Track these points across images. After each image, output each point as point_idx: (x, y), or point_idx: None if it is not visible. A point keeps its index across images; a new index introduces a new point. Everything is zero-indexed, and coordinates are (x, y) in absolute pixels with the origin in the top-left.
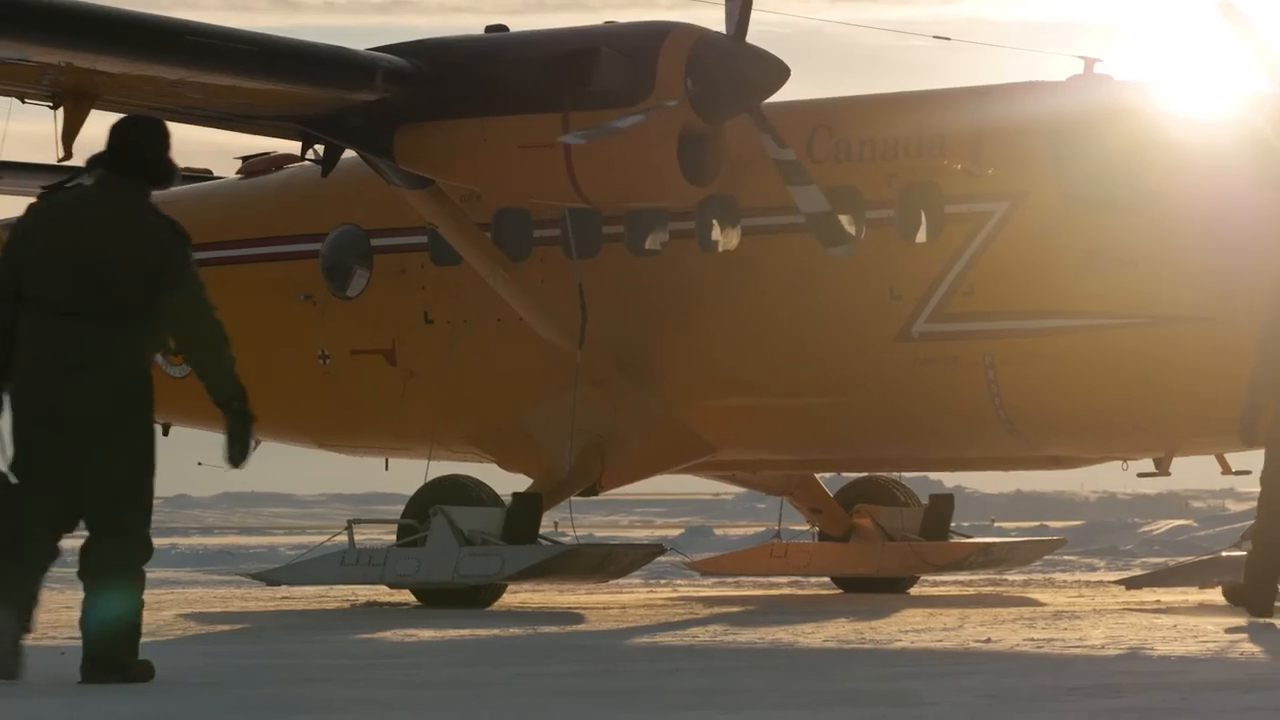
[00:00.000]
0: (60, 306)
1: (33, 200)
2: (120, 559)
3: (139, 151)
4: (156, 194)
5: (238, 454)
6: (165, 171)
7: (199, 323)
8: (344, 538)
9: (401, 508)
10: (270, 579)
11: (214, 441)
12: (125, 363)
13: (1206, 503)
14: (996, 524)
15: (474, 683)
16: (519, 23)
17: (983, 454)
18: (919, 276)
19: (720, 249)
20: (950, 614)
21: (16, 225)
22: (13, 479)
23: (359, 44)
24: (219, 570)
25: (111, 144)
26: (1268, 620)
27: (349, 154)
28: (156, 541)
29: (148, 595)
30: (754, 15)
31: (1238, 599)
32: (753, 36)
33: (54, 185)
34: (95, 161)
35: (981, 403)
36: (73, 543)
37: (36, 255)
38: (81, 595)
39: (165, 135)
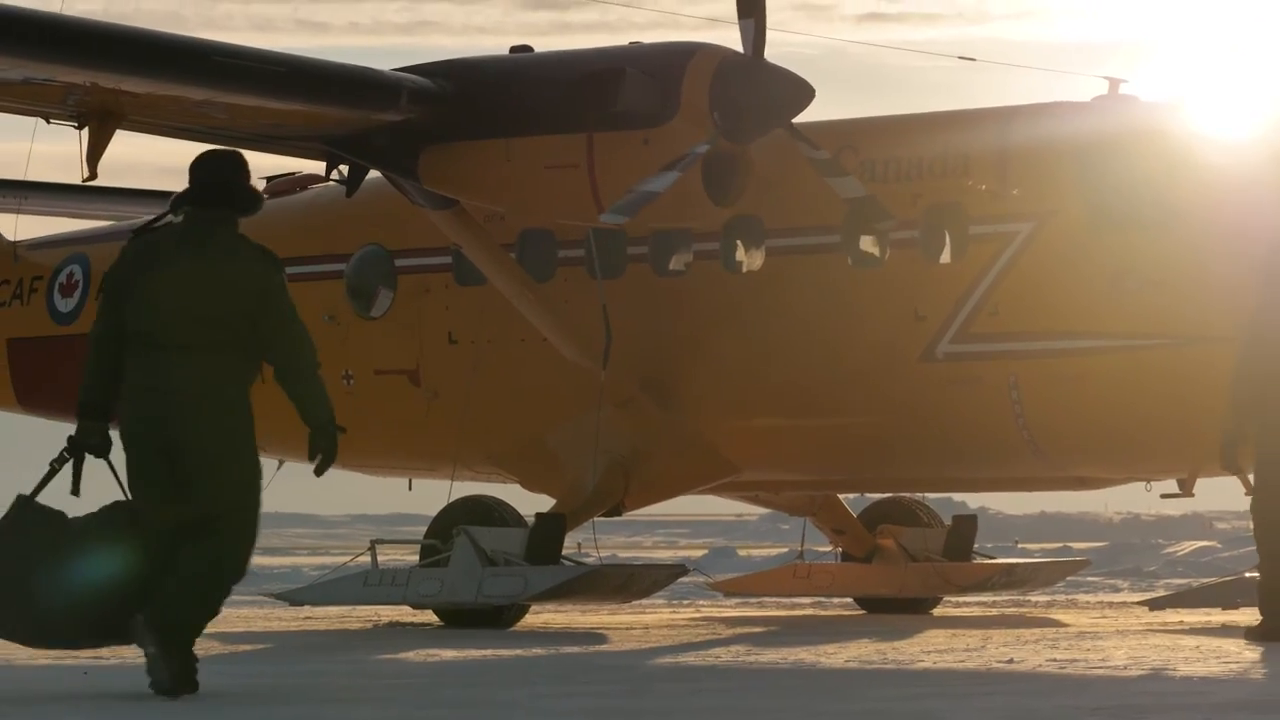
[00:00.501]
0: (167, 341)
1: (125, 242)
2: (216, 570)
3: (221, 184)
4: None
5: (322, 468)
6: (248, 200)
7: (292, 346)
8: (367, 558)
9: (424, 528)
10: (293, 599)
11: None
12: (231, 392)
13: (1230, 524)
14: (1020, 545)
15: (496, 703)
16: (544, 44)
17: (1006, 474)
18: (943, 297)
19: (745, 269)
20: (973, 635)
21: (114, 267)
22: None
23: (383, 64)
24: (242, 590)
25: (193, 180)
26: None
27: (374, 174)
28: None
29: None
30: (779, 37)
31: (1264, 636)
32: (777, 57)
33: (144, 225)
34: (180, 199)
35: (1005, 423)
36: None
37: (138, 294)
38: None
39: (243, 165)
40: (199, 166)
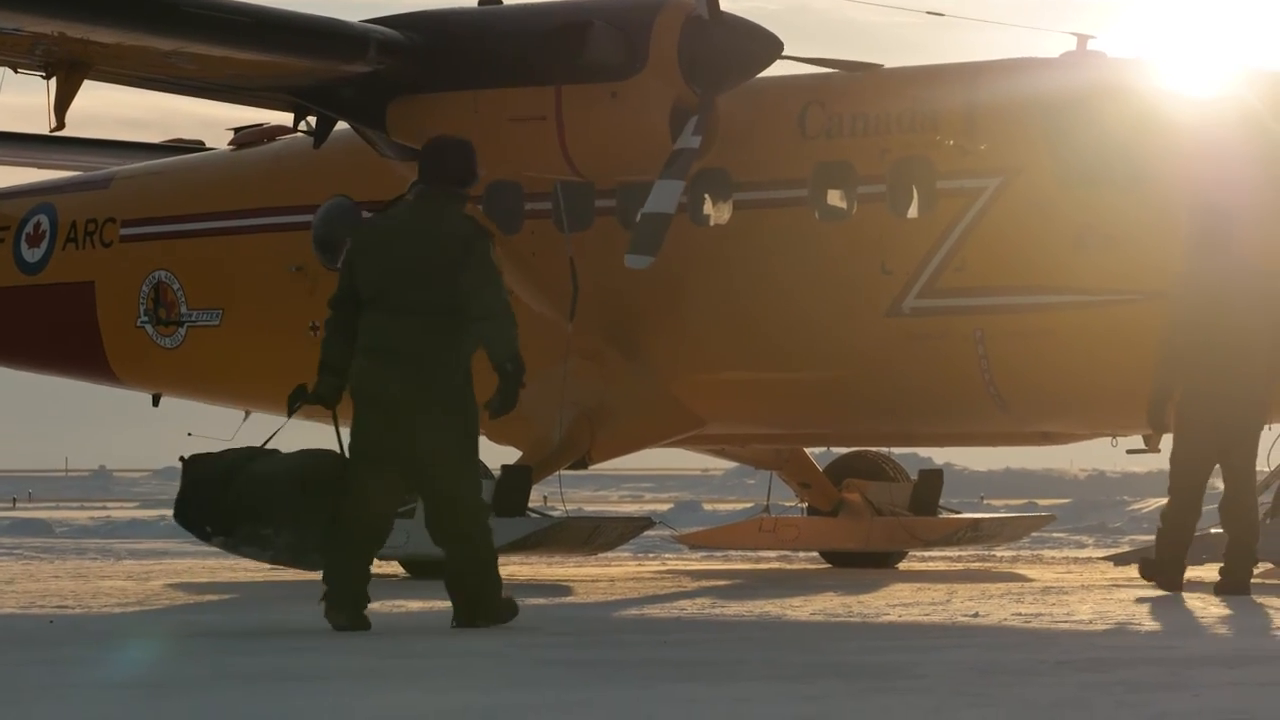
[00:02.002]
0: (396, 306)
1: (363, 218)
2: (458, 529)
3: (445, 164)
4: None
5: (498, 407)
6: (469, 176)
7: (487, 293)
8: None
9: None
10: None
11: (203, 412)
12: (451, 354)
13: None
14: (986, 501)
15: (462, 653)
16: None
17: (972, 430)
18: (910, 252)
19: (712, 222)
20: (938, 589)
21: (354, 239)
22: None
23: (352, 16)
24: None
25: (423, 162)
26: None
27: (341, 126)
28: (143, 514)
29: (140, 565)
30: None
31: (1150, 574)
32: (743, 12)
33: (385, 204)
34: (415, 183)
35: (971, 378)
36: None
37: (372, 263)
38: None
39: (467, 147)
40: (429, 150)
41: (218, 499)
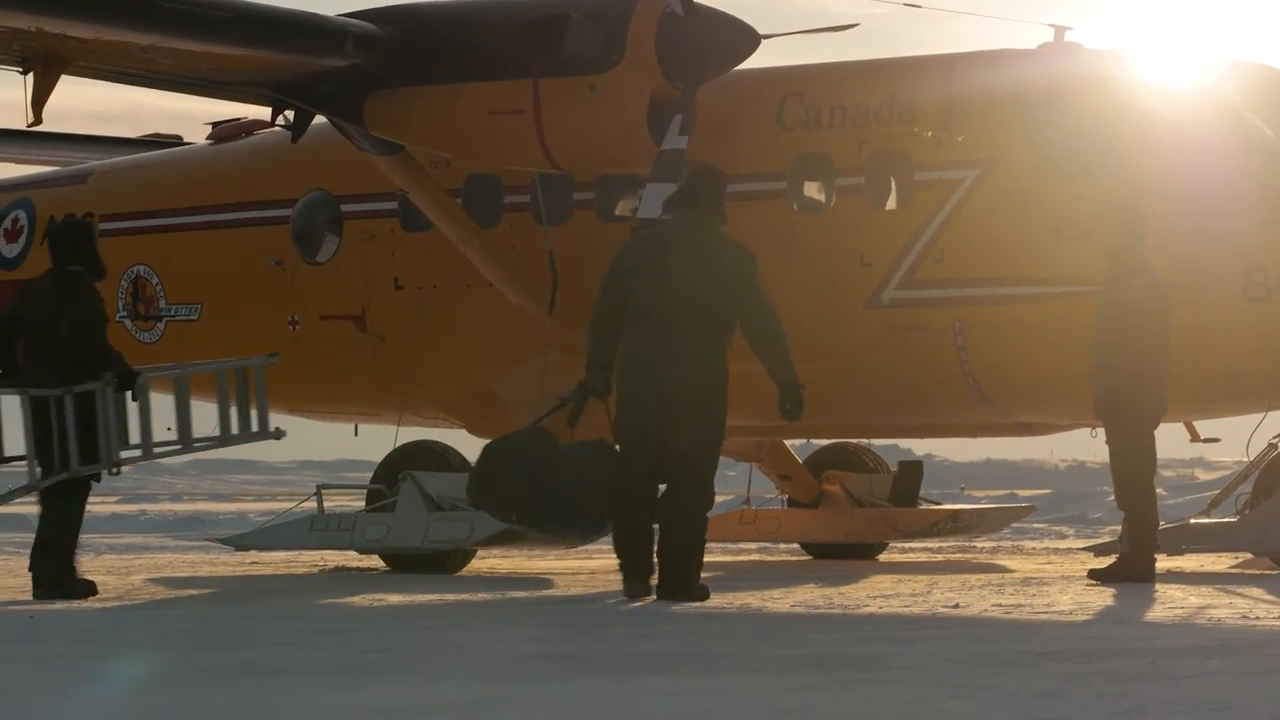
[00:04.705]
0: (667, 314)
1: (630, 234)
2: (695, 506)
3: (704, 192)
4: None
5: (791, 413)
6: (721, 205)
7: (769, 324)
8: (313, 503)
9: (370, 474)
10: (239, 544)
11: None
12: (718, 356)
13: (1175, 471)
14: (966, 492)
15: (445, 646)
16: None
17: (952, 421)
18: (889, 243)
19: None
20: (919, 580)
21: (623, 254)
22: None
23: (330, 10)
24: (188, 536)
25: (684, 187)
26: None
27: (319, 120)
28: (124, 508)
29: (120, 560)
30: None
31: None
32: (720, 4)
33: (645, 222)
34: (671, 203)
35: (951, 370)
36: None
37: (646, 276)
38: None
39: (722, 178)
40: (692, 178)
41: (527, 494)
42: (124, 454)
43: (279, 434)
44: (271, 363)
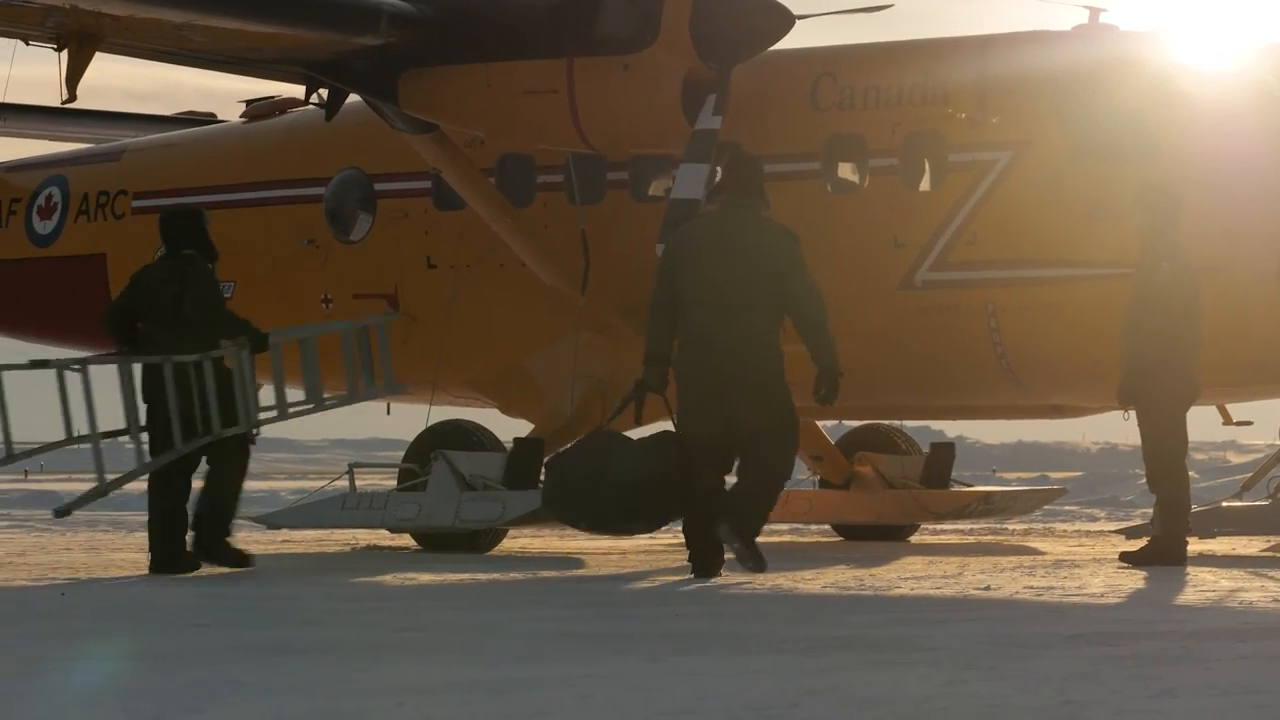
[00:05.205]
0: (719, 301)
1: (681, 227)
2: (761, 484)
3: (747, 177)
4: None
5: (826, 401)
6: (762, 189)
7: (813, 307)
8: (344, 482)
9: (402, 453)
10: (271, 522)
11: None
12: (772, 341)
13: (1208, 454)
14: (998, 474)
15: (474, 626)
16: None
17: (984, 403)
18: (922, 225)
19: None
20: (950, 562)
21: (672, 244)
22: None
23: None
24: None
25: (726, 174)
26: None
27: (353, 98)
28: None
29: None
30: None
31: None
32: None
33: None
34: (716, 190)
35: (983, 351)
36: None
37: (695, 265)
38: None
39: (760, 166)
40: (734, 164)
41: (594, 502)
42: (261, 415)
43: (402, 389)
44: (392, 320)
